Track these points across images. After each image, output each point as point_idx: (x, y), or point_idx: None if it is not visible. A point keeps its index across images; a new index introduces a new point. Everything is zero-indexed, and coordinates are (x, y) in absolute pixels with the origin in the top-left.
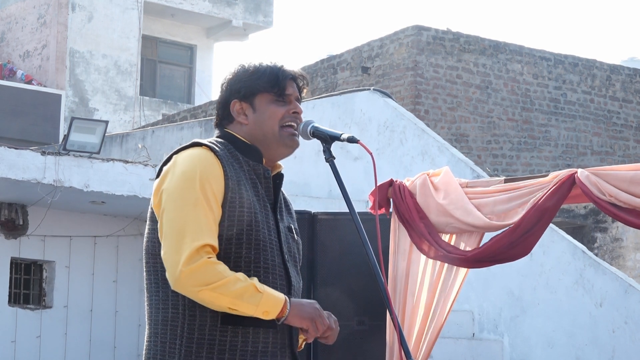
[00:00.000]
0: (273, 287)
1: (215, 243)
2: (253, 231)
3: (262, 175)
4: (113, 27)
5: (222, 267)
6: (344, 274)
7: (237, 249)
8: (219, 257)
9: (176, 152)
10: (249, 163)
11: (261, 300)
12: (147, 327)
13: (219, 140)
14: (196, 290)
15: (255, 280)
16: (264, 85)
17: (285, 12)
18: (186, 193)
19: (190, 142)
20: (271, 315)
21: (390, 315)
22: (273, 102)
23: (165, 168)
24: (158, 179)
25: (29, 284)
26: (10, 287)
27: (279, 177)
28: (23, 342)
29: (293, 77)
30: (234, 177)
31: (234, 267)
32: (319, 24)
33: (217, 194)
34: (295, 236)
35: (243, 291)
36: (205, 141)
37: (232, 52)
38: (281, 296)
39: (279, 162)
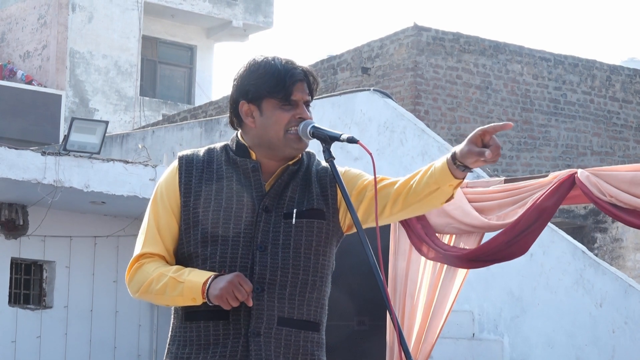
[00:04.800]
0: None
1: (156, 249)
2: (209, 228)
3: (248, 169)
4: (113, 27)
5: (151, 267)
6: (344, 274)
7: (194, 248)
8: (187, 259)
9: None
10: (236, 160)
11: (183, 289)
12: None
13: (220, 144)
14: (137, 296)
15: (182, 271)
16: (270, 90)
17: (286, 13)
18: (149, 209)
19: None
20: (199, 300)
21: (390, 315)
22: (279, 108)
23: None
24: None
25: (29, 284)
26: (10, 287)
27: (287, 169)
28: (23, 342)
29: (301, 79)
30: (191, 182)
31: (195, 266)
32: (319, 24)
33: (172, 203)
34: (294, 220)
35: (165, 286)
36: (186, 151)
37: (232, 52)
38: (201, 279)
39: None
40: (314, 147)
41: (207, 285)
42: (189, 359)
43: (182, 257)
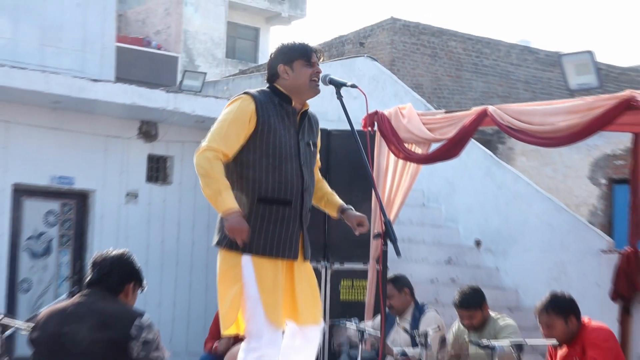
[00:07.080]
0: (290, 183)
1: (227, 149)
2: (277, 147)
3: (290, 112)
4: (209, 16)
5: (219, 168)
6: (347, 167)
7: (266, 159)
8: (255, 167)
9: (236, 97)
10: (282, 104)
11: (217, 201)
12: None
13: (265, 90)
14: (197, 170)
15: (227, 191)
16: (299, 55)
17: (315, 6)
18: (227, 116)
19: (242, 92)
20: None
21: (374, 191)
22: (305, 66)
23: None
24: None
25: (158, 169)
26: (147, 171)
27: (306, 113)
28: (154, 206)
29: (315, 51)
30: (264, 113)
31: (265, 171)
32: (334, 14)
33: (248, 122)
34: (312, 148)
35: (214, 187)
36: (252, 90)
37: (281, 34)
38: (232, 205)
39: (307, 103)
40: (330, 89)
41: (228, 215)
42: (261, 228)
43: (250, 161)
